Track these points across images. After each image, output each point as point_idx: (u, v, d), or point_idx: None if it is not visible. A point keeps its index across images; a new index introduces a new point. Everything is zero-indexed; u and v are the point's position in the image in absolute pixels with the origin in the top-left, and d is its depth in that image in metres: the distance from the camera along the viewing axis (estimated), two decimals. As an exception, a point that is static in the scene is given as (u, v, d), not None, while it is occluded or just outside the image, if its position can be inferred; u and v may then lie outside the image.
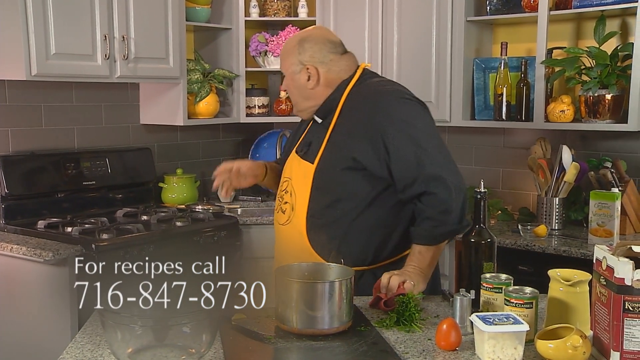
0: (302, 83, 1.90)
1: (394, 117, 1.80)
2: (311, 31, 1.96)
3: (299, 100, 1.94)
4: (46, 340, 2.52)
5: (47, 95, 3.07)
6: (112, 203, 3.18)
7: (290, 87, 1.95)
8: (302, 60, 1.89)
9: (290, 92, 1.97)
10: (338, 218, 1.82)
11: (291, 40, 1.94)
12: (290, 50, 1.91)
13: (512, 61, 3.11)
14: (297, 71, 1.90)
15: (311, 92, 1.90)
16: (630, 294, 1.32)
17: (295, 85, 1.93)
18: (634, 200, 2.83)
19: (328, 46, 1.90)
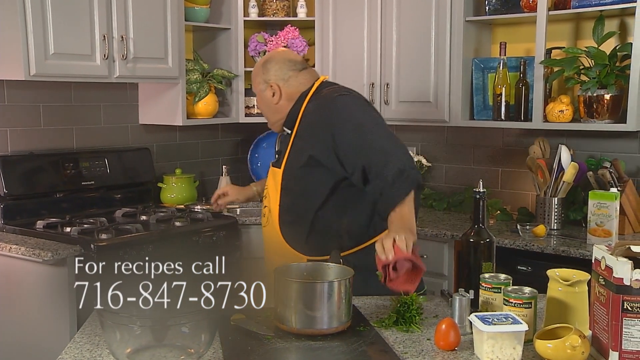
0: (269, 99, 2.14)
1: (338, 111, 1.99)
2: (273, 53, 2.21)
3: (269, 115, 2.19)
4: (45, 340, 2.52)
5: (46, 95, 3.07)
6: (111, 203, 3.18)
7: (261, 105, 2.22)
8: (266, 79, 2.13)
9: (261, 109, 2.22)
10: (303, 212, 2.01)
11: (257, 64, 2.20)
12: (256, 72, 2.17)
13: (511, 61, 3.11)
14: (263, 89, 2.14)
15: (276, 106, 2.13)
16: (629, 293, 1.32)
17: (263, 102, 2.18)
18: (633, 200, 2.83)
19: (288, 65, 2.12)
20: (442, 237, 2.92)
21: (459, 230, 2.91)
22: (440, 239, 2.93)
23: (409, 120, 3.35)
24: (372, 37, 3.35)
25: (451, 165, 3.54)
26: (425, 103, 3.23)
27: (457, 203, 3.38)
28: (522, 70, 3.04)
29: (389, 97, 3.32)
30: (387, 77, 3.33)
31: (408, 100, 3.29)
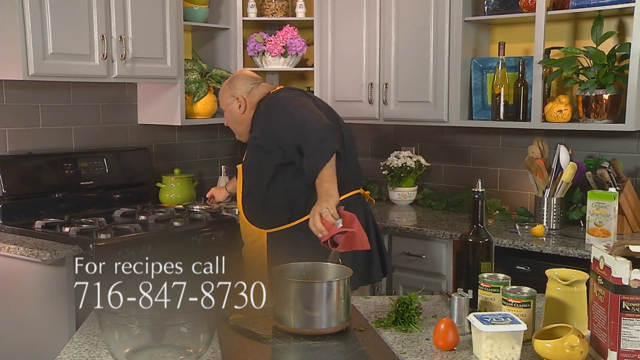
0: (235, 111, 2.48)
1: (273, 104, 2.36)
2: (236, 73, 2.64)
3: (237, 127, 2.52)
4: (44, 341, 2.52)
5: (45, 95, 3.07)
6: (110, 203, 3.18)
7: (229, 118, 2.53)
8: (232, 94, 2.48)
9: (229, 122, 2.54)
10: (256, 193, 2.38)
11: (224, 84, 2.57)
12: (224, 89, 2.53)
13: (510, 61, 3.11)
14: (230, 102, 2.48)
15: (242, 117, 2.47)
16: (628, 293, 1.32)
17: (231, 115, 2.50)
18: (632, 200, 2.83)
19: (249, 79, 2.50)
20: (441, 237, 2.92)
21: (457, 230, 2.91)
22: (439, 238, 2.93)
23: (407, 120, 3.35)
24: (370, 37, 3.35)
25: (450, 165, 3.54)
26: (424, 103, 3.24)
27: (455, 203, 3.38)
28: (521, 70, 3.04)
29: (388, 97, 3.32)
30: (385, 77, 3.33)
31: (407, 100, 3.29)
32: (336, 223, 1.91)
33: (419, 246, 2.99)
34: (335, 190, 2.07)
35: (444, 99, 3.17)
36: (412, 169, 3.43)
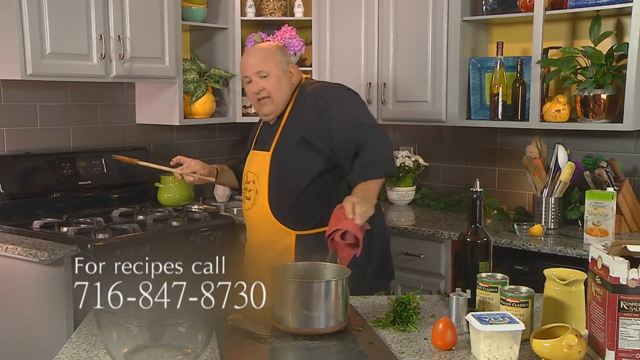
0: (285, 80, 2.22)
1: (331, 97, 2.19)
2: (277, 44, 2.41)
3: (278, 97, 2.22)
4: (42, 341, 2.52)
5: (43, 95, 3.07)
6: (108, 203, 3.17)
7: (274, 85, 2.21)
8: (287, 61, 2.24)
9: (273, 88, 2.21)
10: (291, 189, 2.16)
11: (269, 45, 2.32)
12: (275, 51, 2.24)
13: (508, 61, 3.11)
14: (285, 68, 2.21)
15: (288, 89, 2.23)
16: (626, 293, 1.33)
17: (278, 82, 2.21)
18: (629, 200, 2.84)
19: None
20: (439, 237, 2.92)
21: (456, 229, 2.91)
22: (438, 238, 2.93)
23: (406, 120, 3.35)
24: (369, 36, 3.35)
25: (448, 165, 3.54)
26: (423, 103, 3.24)
27: (454, 203, 3.38)
28: (519, 70, 3.04)
29: (386, 97, 3.32)
30: (384, 77, 3.33)
31: (405, 99, 3.29)
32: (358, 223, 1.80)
33: (417, 246, 2.99)
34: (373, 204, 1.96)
35: (442, 99, 3.18)
36: (411, 169, 3.44)
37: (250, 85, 2.24)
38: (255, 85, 2.21)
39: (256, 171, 2.24)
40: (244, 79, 2.27)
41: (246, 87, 2.28)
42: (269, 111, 2.23)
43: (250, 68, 2.21)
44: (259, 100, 2.23)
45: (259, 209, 2.20)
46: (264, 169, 2.21)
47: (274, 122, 2.27)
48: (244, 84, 2.30)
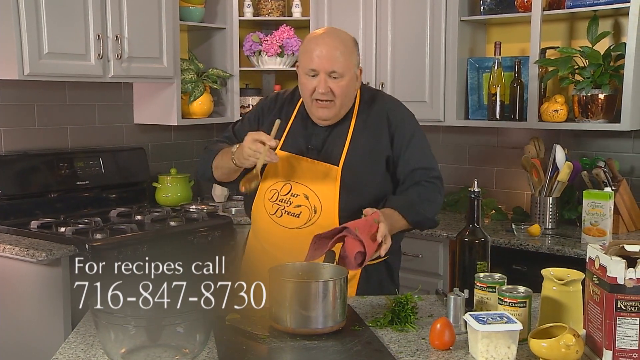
0: (354, 87, 1.93)
1: (403, 114, 2.02)
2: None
3: (343, 105, 1.91)
4: (39, 341, 2.51)
5: (40, 95, 3.06)
6: (106, 203, 3.17)
7: (344, 88, 1.87)
8: (359, 62, 1.94)
9: (342, 91, 1.87)
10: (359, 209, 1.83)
11: (348, 37, 1.90)
12: (354, 48, 1.90)
13: (506, 61, 3.12)
14: (356, 70, 1.91)
15: (353, 98, 1.96)
16: (623, 292, 1.33)
17: (349, 89, 1.90)
18: (627, 200, 2.84)
19: None
20: (437, 237, 2.92)
21: (454, 229, 2.91)
22: (435, 238, 2.93)
23: (404, 120, 3.35)
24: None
25: (446, 165, 3.54)
26: (421, 102, 3.24)
27: (452, 203, 3.38)
28: (517, 70, 3.05)
29: (384, 97, 3.32)
30: (382, 77, 3.33)
31: (403, 99, 3.22)
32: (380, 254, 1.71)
33: (415, 246, 2.99)
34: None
35: (440, 99, 3.18)
36: (409, 169, 3.43)
37: (312, 81, 1.86)
38: (323, 84, 1.84)
39: (312, 185, 1.89)
40: (306, 70, 1.87)
41: (305, 80, 1.88)
42: (328, 116, 1.90)
43: (324, 64, 1.83)
44: (317, 101, 1.88)
45: (318, 231, 1.78)
46: (331, 185, 1.88)
47: (328, 127, 1.95)
48: (302, 73, 1.89)
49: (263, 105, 2.07)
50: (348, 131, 1.94)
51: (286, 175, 1.94)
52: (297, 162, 1.93)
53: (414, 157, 1.94)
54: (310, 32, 3.55)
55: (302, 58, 1.89)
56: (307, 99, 1.91)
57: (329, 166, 1.90)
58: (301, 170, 1.92)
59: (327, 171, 1.90)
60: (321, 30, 1.93)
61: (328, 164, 1.90)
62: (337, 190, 1.88)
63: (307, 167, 1.92)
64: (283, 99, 2.05)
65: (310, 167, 1.91)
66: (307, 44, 1.89)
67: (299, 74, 1.92)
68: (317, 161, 1.91)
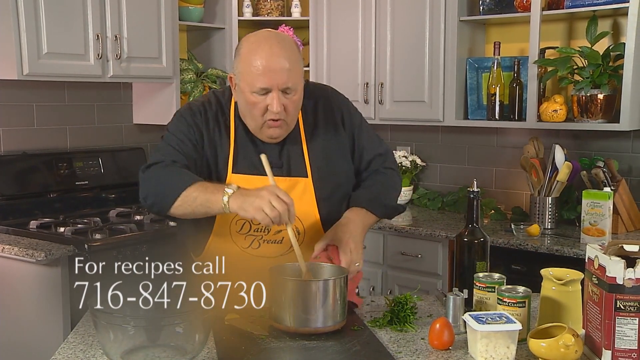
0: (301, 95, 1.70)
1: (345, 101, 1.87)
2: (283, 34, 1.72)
3: (294, 120, 1.72)
4: (38, 341, 2.51)
5: (39, 95, 3.06)
6: (105, 203, 3.17)
7: (297, 105, 1.68)
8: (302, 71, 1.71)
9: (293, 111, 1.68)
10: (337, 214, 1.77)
11: (290, 41, 1.68)
12: (298, 54, 1.68)
13: (505, 61, 3.12)
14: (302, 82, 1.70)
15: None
16: (622, 292, 1.33)
17: (301, 99, 1.70)
18: (626, 200, 2.84)
19: None
20: (437, 237, 2.92)
21: (453, 229, 2.91)
22: (435, 238, 2.93)
23: (403, 120, 3.35)
24: (366, 36, 3.35)
25: (445, 165, 3.54)
26: (420, 103, 3.24)
27: (451, 203, 3.38)
28: (516, 70, 3.05)
29: (383, 97, 3.33)
30: (381, 77, 3.33)
31: (402, 99, 3.29)
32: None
33: (415, 246, 3.00)
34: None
35: (440, 99, 3.18)
36: (408, 169, 3.44)
37: (263, 99, 1.63)
38: (277, 102, 1.62)
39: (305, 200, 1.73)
40: (254, 89, 1.63)
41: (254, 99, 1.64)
42: (281, 134, 1.70)
43: (277, 79, 1.61)
44: (270, 121, 1.66)
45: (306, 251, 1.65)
46: (306, 199, 1.72)
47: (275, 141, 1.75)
48: (248, 92, 1.64)
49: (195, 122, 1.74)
50: (300, 135, 1.75)
51: None
52: (260, 183, 1.62)
53: (368, 145, 1.84)
54: (309, 32, 3.56)
55: (246, 74, 1.63)
56: (257, 120, 1.67)
57: (297, 179, 1.73)
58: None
59: (298, 185, 1.72)
60: (260, 37, 1.66)
61: (295, 178, 1.73)
62: (315, 202, 1.73)
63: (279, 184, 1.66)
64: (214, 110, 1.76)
65: (279, 186, 1.63)
66: (249, 57, 1.62)
67: (242, 92, 1.66)
68: (283, 177, 1.71)
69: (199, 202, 1.60)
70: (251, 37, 1.68)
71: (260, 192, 1.52)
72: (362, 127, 1.85)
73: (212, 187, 1.61)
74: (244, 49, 1.66)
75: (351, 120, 1.83)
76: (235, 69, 1.68)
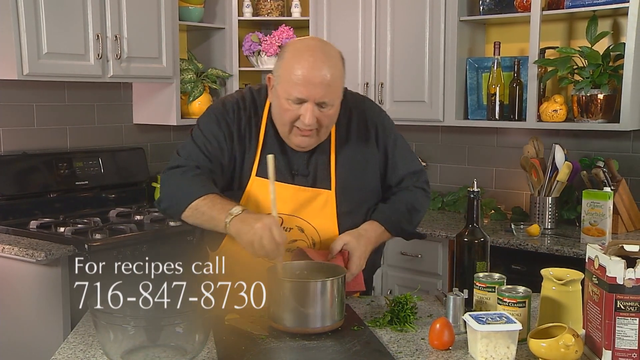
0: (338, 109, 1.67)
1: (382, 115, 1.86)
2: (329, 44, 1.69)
3: (327, 133, 1.69)
4: (38, 341, 2.51)
5: (39, 95, 3.06)
6: (105, 203, 3.17)
7: (331, 120, 1.66)
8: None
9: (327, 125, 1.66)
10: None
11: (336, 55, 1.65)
12: (342, 69, 1.66)
13: (505, 61, 3.12)
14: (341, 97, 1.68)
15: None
16: (622, 292, 1.33)
17: (337, 113, 1.68)
18: (626, 200, 2.84)
19: None
20: (437, 237, 2.92)
21: (453, 229, 2.91)
22: (435, 238, 2.93)
23: (403, 120, 3.34)
24: (366, 36, 3.35)
25: (445, 165, 3.54)
26: (420, 102, 3.24)
27: (451, 202, 3.38)
28: (516, 70, 3.05)
29: (384, 97, 3.32)
30: (381, 77, 3.33)
31: (402, 99, 3.29)
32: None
33: (415, 246, 3.00)
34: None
35: (440, 99, 3.18)
36: (408, 169, 3.43)
37: (296, 109, 1.61)
38: (310, 115, 1.59)
39: (306, 215, 1.70)
40: (290, 97, 1.60)
41: (287, 106, 1.61)
42: (309, 144, 1.67)
43: (315, 93, 1.58)
44: (298, 129, 1.63)
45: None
46: (327, 212, 1.70)
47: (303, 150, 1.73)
48: (283, 98, 1.61)
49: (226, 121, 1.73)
50: (330, 146, 1.73)
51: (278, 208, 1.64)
52: (284, 191, 1.66)
53: (402, 162, 1.82)
54: (309, 32, 3.56)
55: (284, 80, 1.61)
56: (286, 126, 1.65)
57: (320, 191, 1.70)
58: (290, 200, 1.69)
59: (320, 197, 1.70)
60: (306, 44, 1.65)
61: (319, 189, 1.70)
62: (335, 216, 1.71)
63: (295, 195, 1.70)
64: (247, 110, 1.74)
65: (300, 195, 1.69)
66: (291, 63, 1.60)
67: (277, 96, 1.64)
68: (306, 187, 1.70)
69: (205, 217, 1.63)
70: (297, 43, 1.66)
71: (256, 224, 1.50)
72: (396, 143, 1.83)
73: (220, 204, 1.60)
74: (288, 53, 1.63)
75: (385, 135, 1.80)
76: (275, 71, 1.66)
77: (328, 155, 1.73)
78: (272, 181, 1.57)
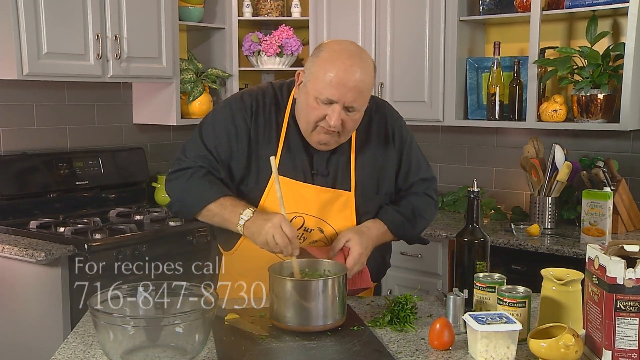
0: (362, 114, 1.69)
1: (399, 119, 1.88)
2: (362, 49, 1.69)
3: (349, 135, 1.72)
4: (38, 341, 2.51)
5: (39, 95, 3.06)
6: (105, 203, 3.17)
7: (355, 123, 1.68)
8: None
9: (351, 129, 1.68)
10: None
11: (370, 64, 1.67)
12: (373, 76, 1.68)
13: (505, 61, 3.12)
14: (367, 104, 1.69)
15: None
16: (622, 292, 1.33)
17: (359, 120, 1.69)
18: (626, 200, 2.84)
19: None
20: (437, 237, 2.92)
21: (453, 229, 2.91)
22: (435, 238, 2.93)
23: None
24: (366, 36, 3.35)
25: (445, 165, 3.54)
26: (420, 102, 3.24)
27: (451, 202, 3.38)
28: (516, 70, 3.05)
29: (383, 97, 3.32)
30: (381, 77, 3.33)
31: (402, 99, 3.29)
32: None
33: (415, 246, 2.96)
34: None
35: (440, 99, 3.18)
36: (408, 169, 3.44)
37: (323, 109, 1.62)
38: (336, 117, 1.60)
39: (325, 216, 1.71)
40: (321, 97, 1.60)
41: (315, 105, 1.62)
42: (330, 143, 1.68)
43: (346, 97, 1.60)
44: (322, 127, 1.64)
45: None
46: (347, 213, 1.73)
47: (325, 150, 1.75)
48: (312, 97, 1.62)
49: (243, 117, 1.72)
50: (350, 147, 1.74)
51: (294, 207, 1.69)
52: (304, 191, 1.70)
53: (415, 167, 1.85)
54: (309, 32, 3.56)
55: (317, 79, 1.61)
56: (310, 124, 1.65)
57: (340, 192, 1.72)
58: (311, 200, 1.71)
59: (341, 198, 1.72)
60: (344, 47, 1.65)
61: (339, 190, 1.72)
62: (354, 217, 1.73)
63: (315, 195, 1.71)
64: (267, 107, 1.73)
65: (320, 196, 1.70)
66: (327, 64, 1.60)
67: (306, 93, 1.64)
68: (326, 188, 1.71)
69: (217, 220, 1.69)
70: (335, 44, 1.67)
71: (266, 225, 1.57)
72: (412, 148, 1.85)
73: (231, 206, 1.65)
74: (325, 53, 1.64)
75: (402, 139, 1.83)
76: (308, 68, 1.66)
77: (348, 156, 1.75)
78: (277, 180, 1.60)
